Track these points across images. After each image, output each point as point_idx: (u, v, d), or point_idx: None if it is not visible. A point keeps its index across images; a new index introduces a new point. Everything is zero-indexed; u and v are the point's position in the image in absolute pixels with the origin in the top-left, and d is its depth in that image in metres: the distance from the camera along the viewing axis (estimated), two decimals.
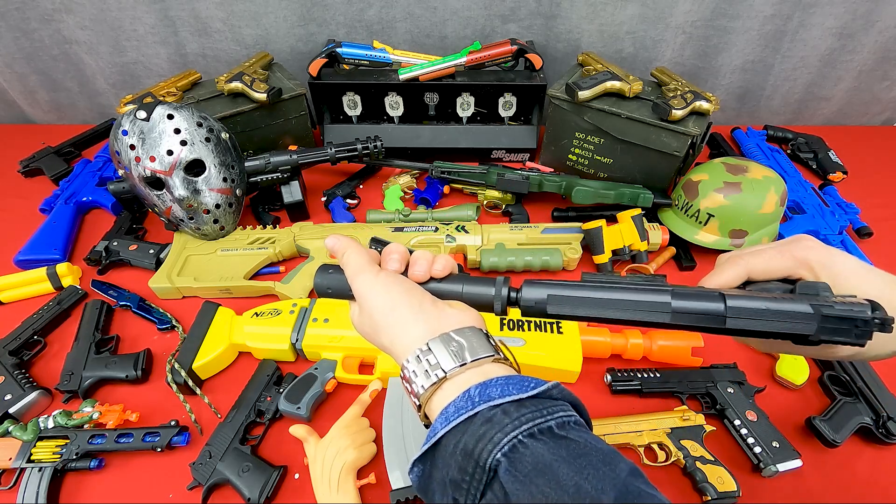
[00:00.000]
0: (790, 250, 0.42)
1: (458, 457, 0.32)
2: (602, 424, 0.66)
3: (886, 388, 0.69)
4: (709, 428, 0.67)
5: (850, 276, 0.40)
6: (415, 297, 0.40)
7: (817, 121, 1.28)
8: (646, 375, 0.71)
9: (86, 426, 0.66)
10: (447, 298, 0.43)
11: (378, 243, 0.90)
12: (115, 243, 0.89)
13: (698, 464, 0.63)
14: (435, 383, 0.36)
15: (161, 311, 0.81)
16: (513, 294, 0.42)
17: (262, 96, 0.94)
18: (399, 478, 0.60)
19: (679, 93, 0.90)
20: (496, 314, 0.43)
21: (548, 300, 0.40)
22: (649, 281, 0.40)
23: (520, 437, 0.30)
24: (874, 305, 0.35)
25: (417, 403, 0.37)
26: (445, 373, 0.36)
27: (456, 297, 0.43)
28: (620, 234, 0.86)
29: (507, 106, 1.06)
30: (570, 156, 1.03)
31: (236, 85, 0.95)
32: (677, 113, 0.87)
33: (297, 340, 0.73)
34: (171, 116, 0.78)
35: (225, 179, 0.84)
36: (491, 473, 0.30)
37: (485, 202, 1.01)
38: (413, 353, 0.37)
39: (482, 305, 0.43)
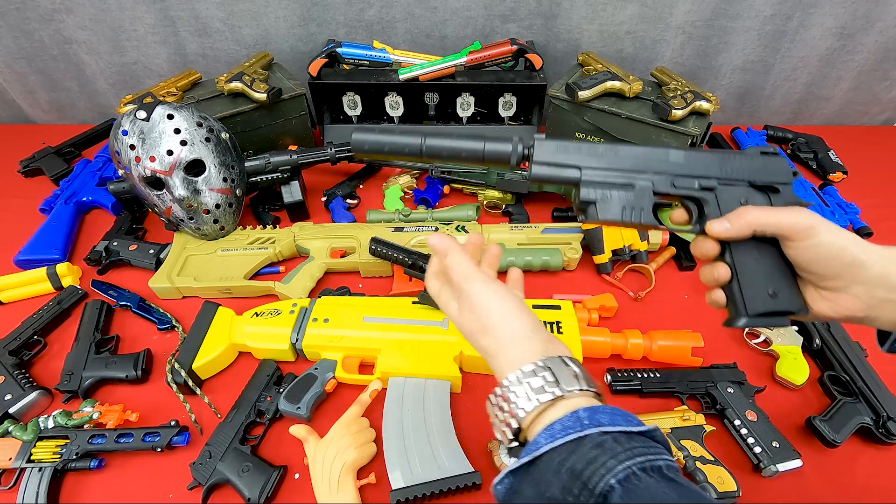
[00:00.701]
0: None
1: (563, 476, 0.31)
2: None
3: (886, 388, 0.69)
4: (709, 428, 0.67)
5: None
6: (529, 315, 0.42)
7: (817, 121, 1.28)
8: (646, 375, 0.71)
9: (86, 426, 0.66)
10: (467, 157, 0.47)
11: (378, 243, 0.90)
12: (115, 243, 0.89)
13: (698, 464, 0.63)
14: (552, 399, 0.36)
15: (161, 311, 0.81)
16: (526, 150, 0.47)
17: (262, 96, 0.94)
18: (399, 478, 0.60)
19: (679, 93, 0.90)
20: (511, 168, 0.47)
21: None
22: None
23: (634, 468, 0.30)
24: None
25: (520, 416, 0.37)
26: (563, 392, 0.36)
27: (478, 156, 0.46)
28: (620, 233, 0.86)
29: (507, 106, 1.06)
30: None
31: (236, 85, 0.95)
32: (677, 113, 0.87)
33: (297, 340, 0.73)
34: (171, 116, 0.78)
35: (225, 179, 0.84)
36: (600, 498, 0.30)
37: (485, 202, 1.01)
38: (528, 367, 0.38)
39: (500, 160, 0.47)
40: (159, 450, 0.64)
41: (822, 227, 0.40)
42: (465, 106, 1.06)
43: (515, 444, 0.38)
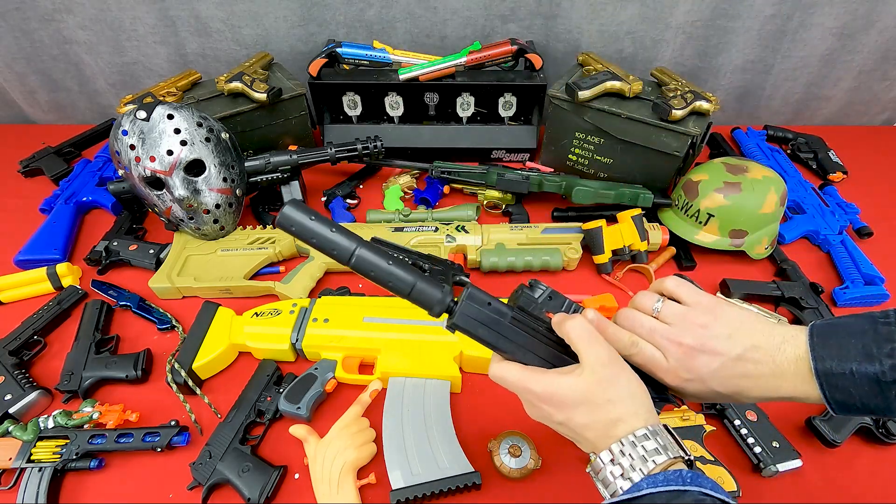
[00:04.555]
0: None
1: None
2: None
3: None
4: (709, 428, 0.67)
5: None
6: (638, 380, 0.42)
7: (817, 121, 1.28)
8: None
9: (86, 426, 0.66)
10: (393, 288, 0.43)
11: (378, 243, 0.90)
12: (115, 243, 0.89)
13: (698, 464, 0.62)
14: (672, 459, 0.38)
15: (161, 311, 0.81)
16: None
17: (262, 96, 0.94)
18: (399, 478, 0.60)
19: (679, 93, 0.90)
20: (432, 314, 0.44)
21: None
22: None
23: None
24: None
25: (635, 478, 0.37)
26: (673, 457, 0.38)
27: (405, 292, 0.43)
28: (620, 234, 0.86)
29: (507, 106, 1.06)
30: (570, 156, 1.03)
31: (236, 85, 0.95)
32: (677, 113, 0.87)
33: (297, 340, 0.73)
34: (171, 116, 0.78)
35: (225, 179, 0.84)
36: None
37: (485, 202, 1.01)
38: (641, 431, 0.39)
39: (424, 304, 0.44)
40: (159, 450, 0.64)
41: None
42: (465, 106, 1.06)
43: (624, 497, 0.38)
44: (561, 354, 0.45)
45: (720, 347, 0.42)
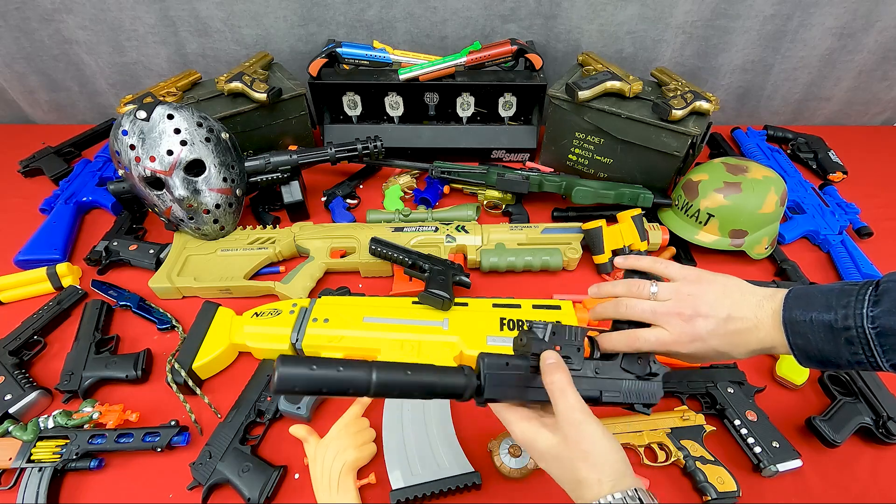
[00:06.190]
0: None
1: None
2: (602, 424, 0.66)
3: (886, 388, 0.69)
4: (709, 428, 0.67)
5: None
6: (620, 448, 0.44)
7: (817, 121, 1.28)
8: None
9: (86, 426, 0.66)
10: (419, 393, 0.42)
11: (378, 243, 0.89)
12: (115, 243, 0.89)
13: (698, 464, 0.63)
14: None
15: (161, 311, 0.81)
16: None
17: (262, 96, 0.94)
18: (399, 478, 0.60)
19: (679, 93, 0.90)
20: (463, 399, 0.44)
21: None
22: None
23: None
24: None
25: None
26: None
27: (431, 390, 0.43)
28: (620, 234, 0.86)
29: (507, 106, 1.06)
30: (570, 156, 1.03)
31: (236, 85, 0.95)
32: (677, 113, 0.87)
33: (297, 340, 0.73)
34: (171, 116, 0.78)
35: (225, 179, 0.84)
36: None
37: (485, 202, 1.01)
38: (619, 494, 0.40)
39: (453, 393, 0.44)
40: (159, 450, 0.64)
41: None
42: (465, 106, 1.06)
43: None
44: None
45: (711, 311, 0.48)
